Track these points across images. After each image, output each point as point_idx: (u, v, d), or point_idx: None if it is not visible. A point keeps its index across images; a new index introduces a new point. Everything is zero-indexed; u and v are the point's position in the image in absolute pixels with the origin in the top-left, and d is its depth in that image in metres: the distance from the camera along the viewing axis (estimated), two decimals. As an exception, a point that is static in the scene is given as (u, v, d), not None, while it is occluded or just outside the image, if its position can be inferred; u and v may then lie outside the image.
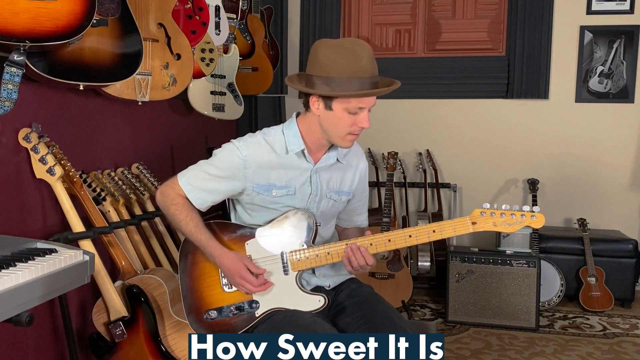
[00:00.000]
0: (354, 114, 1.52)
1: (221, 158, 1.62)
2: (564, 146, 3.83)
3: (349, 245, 1.55)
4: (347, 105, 1.51)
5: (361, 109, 1.52)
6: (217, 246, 1.58)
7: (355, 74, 1.48)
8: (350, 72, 1.48)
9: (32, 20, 1.59)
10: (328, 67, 1.49)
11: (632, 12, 3.66)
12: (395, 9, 4.01)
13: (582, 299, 3.36)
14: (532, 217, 1.54)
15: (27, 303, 1.17)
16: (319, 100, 1.54)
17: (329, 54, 1.50)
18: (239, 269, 1.55)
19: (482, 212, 1.54)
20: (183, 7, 2.53)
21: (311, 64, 1.55)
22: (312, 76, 1.53)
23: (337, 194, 1.70)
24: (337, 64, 1.49)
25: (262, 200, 1.62)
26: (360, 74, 1.49)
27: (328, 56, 1.50)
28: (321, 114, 1.55)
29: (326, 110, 1.54)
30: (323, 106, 1.54)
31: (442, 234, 1.55)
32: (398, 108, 4.00)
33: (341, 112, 1.52)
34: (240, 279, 1.55)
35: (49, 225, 2.03)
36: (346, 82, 1.48)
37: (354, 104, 1.51)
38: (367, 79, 1.50)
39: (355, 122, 1.53)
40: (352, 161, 1.73)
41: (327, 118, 1.55)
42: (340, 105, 1.51)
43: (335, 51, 1.50)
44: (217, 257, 1.57)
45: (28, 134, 1.86)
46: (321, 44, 1.54)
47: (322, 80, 1.50)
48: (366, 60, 1.49)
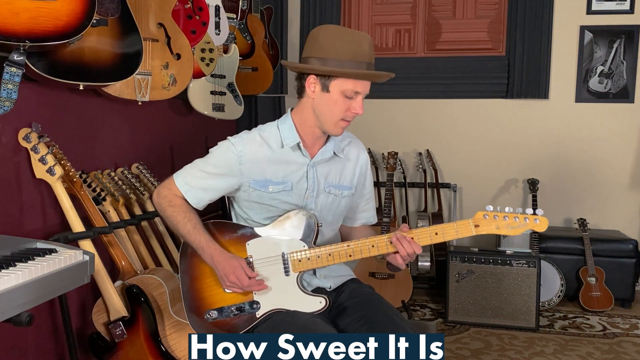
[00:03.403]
0: (350, 98, 1.54)
1: (217, 155, 1.62)
2: (564, 146, 3.83)
3: (395, 235, 1.53)
4: (344, 88, 1.52)
5: (357, 93, 1.54)
6: (216, 247, 1.57)
7: (355, 57, 1.51)
8: (350, 55, 1.50)
9: (32, 20, 1.59)
10: (329, 49, 1.51)
11: (632, 12, 3.66)
12: (395, 9, 4.01)
13: (582, 299, 3.36)
14: (536, 220, 1.52)
15: (27, 303, 1.17)
16: (316, 81, 1.54)
17: (330, 36, 1.52)
18: (234, 266, 1.54)
19: (485, 214, 1.53)
20: (183, 7, 2.53)
21: (310, 46, 1.56)
22: (310, 58, 1.55)
23: (337, 188, 1.68)
24: (338, 46, 1.51)
25: (259, 196, 1.62)
26: (360, 58, 1.51)
27: (329, 38, 1.52)
28: (316, 97, 1.56)
29: (322, 92, 1.55)
30: (320, 88, 1.55)
31: (444, 236, 1.54)
32: (398, 108, 4.00)
33: (337, 95, 1.53)
34: (234, 277, 1.54)
35: (49, 225, 2.02)
36: (346, 63, 1.50)
37: (351, 87, 1.52)
38: (366, 63, 1.52)
39: (350, 108, 1.55)
40: (352, 154, 1.72)
41: (322, 101, 1.55)
42: (338, 87, 1.53)
43: (337, 35, 1.53)
44: (215, 258, 1.56)
45: (28, 134, 1.86)
46: (323, 28, 1.57)
47: (322, 62, 1.52)
48: (367, 46, 1.53)
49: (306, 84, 1.56)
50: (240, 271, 1.54)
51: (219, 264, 1.56)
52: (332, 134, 1.62)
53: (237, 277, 1.54)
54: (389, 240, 1.56)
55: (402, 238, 1.53)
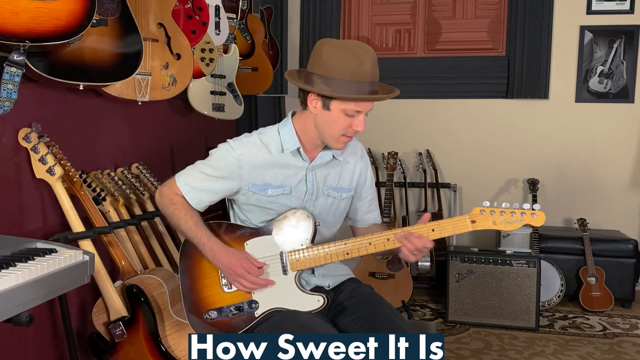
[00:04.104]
0: (351, 117, 1.53)
1: (217, 158, 1.62)
2: (564, 146, 3.83)
3: (404, 234, 1.53)
4: (345, 107, 1.51)
5: (358, 112, 1.53)
6: (217, 242, 1.58)
7: (356, 77, 1.49)
8: (352, 75, 1.48)
9: (32, 20, 1.59)
10: (330, 67, 1.50)
11: (632, 12, 3.66)
12: (395, 9, 4.01)
13: (582, 299, 3.36)
14: (532, 215, 1.53)
15: (27, 303, 1.17)
16: (317, 99, 1.54)
17: (332, 54, 1.50)
18: (240, 258, 1.55)
19: (481, 210, 1.54)
20: (183, 7, 2.53)
21: (313, 62, 1.55)
22: (313, 74, 1.53)
23: (336, 190, 1.69)
24: (340, 65, 1.49)
25: (258, 200, 1.62)
26: (362, 78, 1.49)
27: (332, 56, 1.50)
28: (318, 113, 1.56)
29: (323, 110, 1.54)
30: (321, 105, 1.54)
31: (441, 232, 1.54)
32: (398, 108, 4.00)
33: (338, 114, 1.52)
34: (242, 269, 1.54)
35: (49, 225, 2.03)
36: (347, 84, 1.49)
37: (351, 107, 1.51)
38: (368, 83, 1.50)
39: (351, 125, 1.54)
40: (350, 157, 1.73)
41: (324, 118, 1.55)
42: (338, 106, 1.52)
43: (339, 52, 1.50)
44: (217, 253, 1.56)
45: (28, 134, 1.86)
46: (326, 44, 1.54)
47: (323, 80, 1.51)
48: (369, 65, 1.50)
49: (308, 100, 1.56)
50: (247, 262, 1.55)
51: (222, 258, 1.56)
52: (333, 148, 1.62)
53: (246, 268, 1.54)
54: (386, 238, 1.56)
55: (410, 234, 1.53)
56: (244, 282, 1.56)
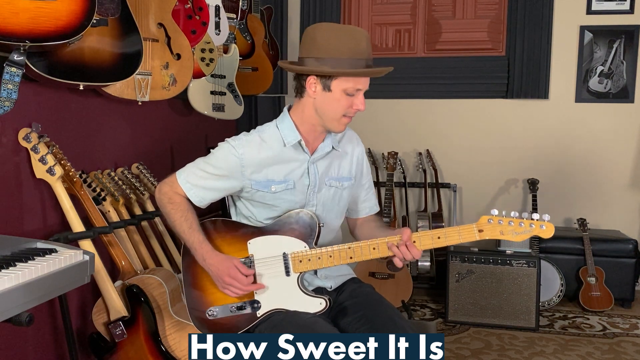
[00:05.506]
0: (351, 96, 1.55)
1: (218, 157, 1.62)
2: (564, 146, 3.82)
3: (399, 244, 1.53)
4: (345, 86, 1.53)
5: (358, 90, 1.55)
6: (209, 248, 1.57)
7: (355, 55, 1.52)
8: (350, 53, 1.51)
9: (32, 20, 1.59)
10: (329, 48, 1.52)
11: (632, 12, 3.66)
12: (395, 9, 4.01)
13: (582, 299, 3.36)
14: (542, 226, 1.49)
15: (27, 303, 1.17)
16: (316, 82, 1.55)
17: (328, 35, 1.53)
18: (228, 267, 1.54)
19: (489, 219, 1.51)
20: (183, 7, 2.53)
21: (308, 47, 1.56)
22: (308, 58, 1.55)
23: (337, 180, 1.70)
24: (338, 45, 1.51)
25: (262, 197, 1.62)
26: (360, 55, 1.52)
27: (328, 38, 1.52)
28: (318, 96, 1.57)
29: (324, 92, 1.55)
30: (321, 88, 1.55)
31: (447, 240, 1.53)
32: (398, 108, 4.00)
33: (339, 94, 1.54)
34: (230, 278, 1.53)
35: (49, 225, 2.03)
36: (347, 61, 1.51)
37: (352, 85, 1.53)
38: (365, 60, 1.53)
39: (352, 104, 1.56)
40: (348, 146, 1.74)
41: (324, 100, 1.56)
42: (339, 86, 1.53)
43: (335, 33, 1.53)
44: (208, 259, 1.56)
45: (28, 134, 1.86)
46: (318, 28, 1.57)
47: (321, 61, 1.53)
48: (364, 42, 1.54)
49: (307, 85, 1.57)
50: (235, 271, 1.54)
51: (211, 265, 1.56)
52: (334, 130, 1.63)
53: (233, 277, 1.54)
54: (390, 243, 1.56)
55: (401, 244, 1.53)
56: (232, 289, 1.56)
